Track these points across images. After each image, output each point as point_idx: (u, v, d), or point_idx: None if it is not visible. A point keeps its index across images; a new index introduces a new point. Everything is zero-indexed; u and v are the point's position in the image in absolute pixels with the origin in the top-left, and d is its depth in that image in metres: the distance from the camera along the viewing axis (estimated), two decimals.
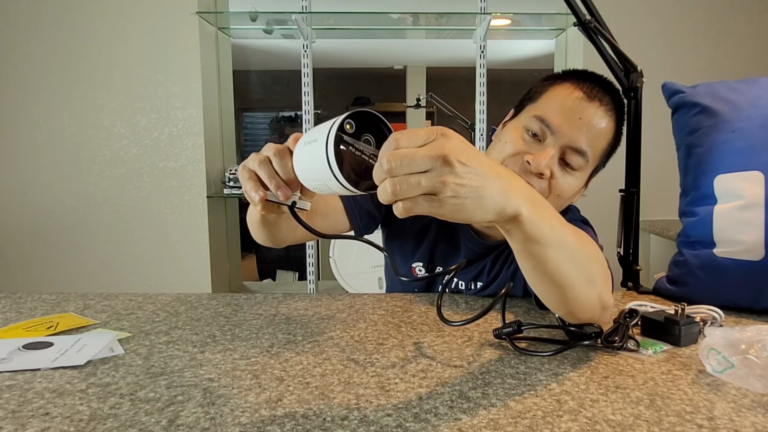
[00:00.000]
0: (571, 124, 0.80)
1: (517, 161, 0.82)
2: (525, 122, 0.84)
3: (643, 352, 0.68)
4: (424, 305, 0.89)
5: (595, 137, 0.81)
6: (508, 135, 0.86)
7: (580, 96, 0.81)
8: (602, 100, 0.82)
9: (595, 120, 0.81)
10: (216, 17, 2.29)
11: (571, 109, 0.81)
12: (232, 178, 2.28)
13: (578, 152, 0.81)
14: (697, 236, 0.89)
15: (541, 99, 0.85)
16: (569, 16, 1.96)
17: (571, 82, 0.84)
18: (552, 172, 0.81)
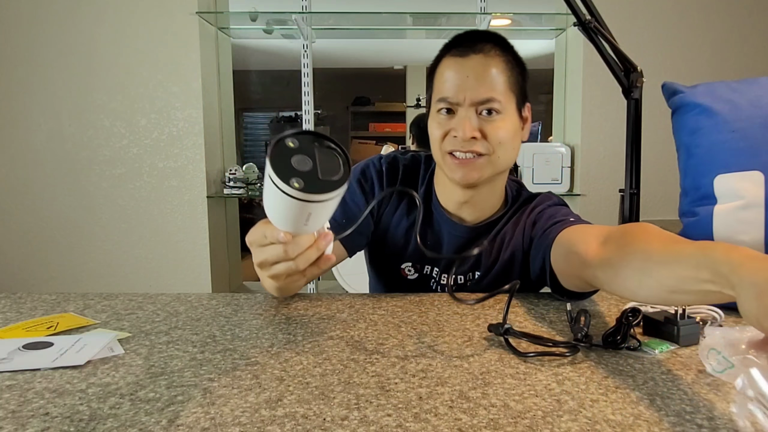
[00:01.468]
0: (464, 86, 0.88)
1: (449, 141, 0.90)
2: (435, 109, 0.92)
3: (650, 352, 0.68)
4: (425, 305, 0.89)
5: (491, 80, 0.88)
6: (431, 126, 0.94)
7: (457, 60, 0.89)
8: (477, 50, 0.89)
9: (479, 69, 0.88)
10: (216, 17, 2.29)
11: (457, 75, 0.89)
12: (232, 178, 2.28)
13: (488, 101, 0.88)
14: (697, 236, 0.89)
15: (435, 83, 0.93)
16: (569, 16, 1.96)
17: (447, 54, 0.91)
18: (480, 130, 0.88)
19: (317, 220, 0.62)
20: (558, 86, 2.46)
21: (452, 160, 0.90)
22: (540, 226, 0.94)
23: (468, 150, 0.88)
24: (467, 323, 0.80)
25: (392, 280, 1.06)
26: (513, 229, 1.00)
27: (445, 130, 0.90)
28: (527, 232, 0.98)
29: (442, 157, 0.92)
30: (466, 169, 0.90)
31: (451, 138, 0.90)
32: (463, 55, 0.89)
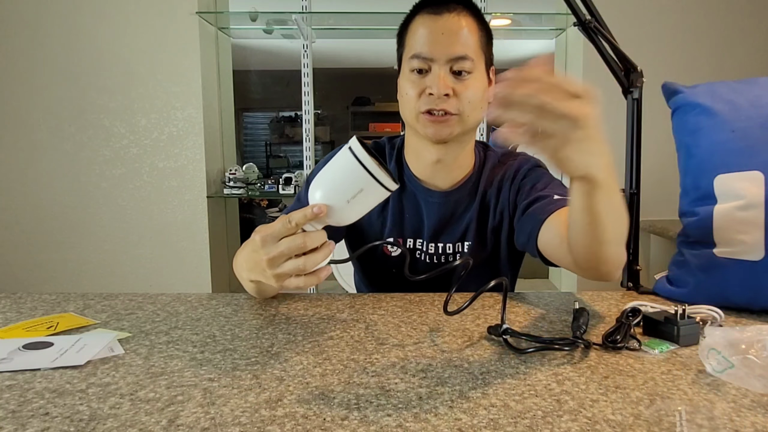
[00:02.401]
0: (438, 42, 0.90)
1: (424, 100, 0.92)
2: (408, 67, 0.94)
3: (650, 352, 0.68)
4: (425, 305, 0.89)
5: (464, 39, 0.91)
6: (404, 87, 0.95)
7: (431, 17, 0.92)
8: (450, 9, 0.91)
9: (453, 27, 0.91)
10: (216, 17, 2.29)
11: (431, 32, 0.91)
12: (232, 178, 2.28)
13: (461, 59, 0.91)
14: (697, 236, 0.89)
15: (407, 41, 0.95)
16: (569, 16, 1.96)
17: (420, 12, 0.94)
18: (452, 88, 0.91)
19: (362, 201, 0.67)
20: None
21: (427, 118, 0.92)
22: (525, 195, 0.97)
23: (441, 108, 0.91)
24: (467, 323, 0.80)
25: (375, 260, 1.06)
26: (497, 194, 1.02)
27: (420, 88, 0.92)
28: (512, 199, 1.00)
29: (416, 117, 0.94)
30: (439, 125, 0.92)
31: (426, 97, 0.91)
32: (437, 13, 0.91)
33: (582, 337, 0.69)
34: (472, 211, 1.02)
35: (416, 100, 0.93)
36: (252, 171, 2.44)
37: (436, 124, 0.92)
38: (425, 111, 0.92)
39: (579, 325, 0.70)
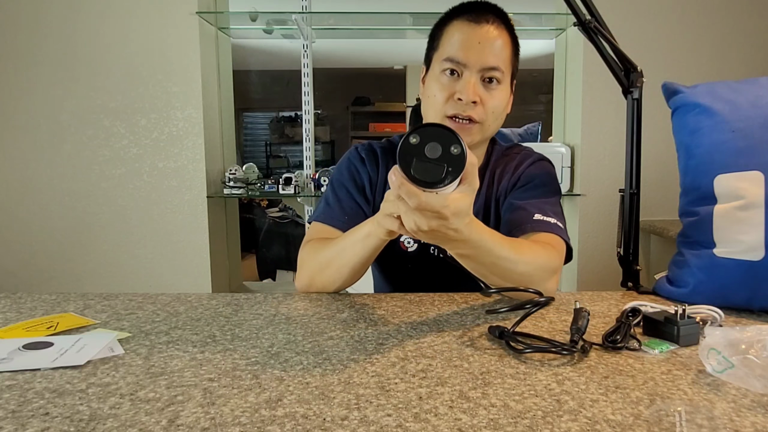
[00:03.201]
0: (475, 50, 0.93)
1: (451, 104, 0.94)
2: (439, 68, 0.96)
3: (650, 352, 0.68)
4: (425, 305, 0.89)
5: (498, 51, 0.94)
6: (431, 88, 0.97)
7: (470, 25, 0.94)
8: (488, 20, 0.94)
9: (491, 38, 0.93)
10: (216, 17, 2.29)
11: (469, 39, 0.93)
12: (232, 178, 2.28)
13: (492, 69, 0.94)
14: (697, 236, 0.89)
15: (441, 44, 0.97)
16: (569, 16, 1.96)
17: (458, 18, 0.96)
18: (480, 96, 0.93)
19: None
20: (558, 86, 2.46)
21: (450, 123, 0.94)
22: (518, 192, 1.01)
23: (467, 114, 0.93)
24: (467, 323, 0.80)
25: (393, 255, 1.07)
26: (497, 185, 1.06)
27: (449, 92, 0.94)
28: (509, 188, 1.04)
29: (440, 119, 0.96)
30: (462, 132, 0.94)
31: (453, 101, 0.93)
32: (476, 22, 0.93)
33: (582, 339, 0.69)
34: (478, 204, 1.05)
35: (443, 103, 0.95)
36: (252, 171, 2.44)
37: (459, 130, 0.93)
38: (451, 115, 0.94)
39: (578, 327, 0.70)
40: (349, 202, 1.05)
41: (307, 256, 0.97)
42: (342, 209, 1.04)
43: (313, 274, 0.95)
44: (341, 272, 0.92)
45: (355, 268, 0.91)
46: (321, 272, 0.94)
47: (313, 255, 0.96)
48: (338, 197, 1.06)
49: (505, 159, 1.08)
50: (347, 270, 0.92)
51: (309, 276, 0.96)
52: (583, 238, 2.27)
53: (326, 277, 0.94)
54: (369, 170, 1.07)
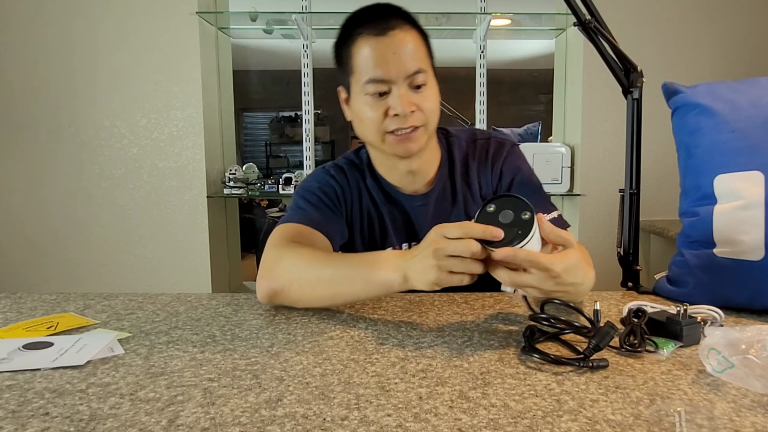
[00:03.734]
0: (393, 62, 0.89)
1: (389, 121, 0.91)
2: (364, 92, 0.91)
3: (660, 353, 0.67)
4: (425, 305, 0.89)
5: (415, 53, 0.91)
6: (362, 111, 0.93)
7: (378, 39, 0.90)
8: (393, 26, 0.90)
9: (403, 44, 0.90)
10: (216, 17, 2.29)
11: (382, 53, 0.89)
12: (232, 178, 2.28)
13: (416, 73, 0.90)
14: (697, 236, 0.89)
15: (355, 65, 0.92)
16: (569, 16, 1.96)
17: (362, 33, 0.91)
18: (415, 103, 0.90)
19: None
20: (558, 86, 2.46)
21: (393, 138, 0.92)
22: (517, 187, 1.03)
23: (409, 125, 0.91)
24: (467, 323, 0.80)
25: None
26: (478, 179, 1.05)
27: (382, 110, 0.91)
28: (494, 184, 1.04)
29: (381, 138, 0.93)
30: (407, 142, 0.92)
31: (391, 118, 0.91)
32: (381, 34, 0.89)
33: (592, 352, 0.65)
34: (458, 203, 1.04)
35: (379, 122, 0.92)
36: (252, 171, 2.44)
37: (405, 142, 0.92)
38: (392, 130, 0.92)
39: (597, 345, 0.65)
40: (324, 209, 1.00)
41: (287, 260, 0.86)
42: (318, 210, 0.99)
43: (290, 283, 0.85)
44: (328, 299, 0.85)
45: (347, 302, 0.88)
46: (301, 287, 0.84)
47: (296, 261, 0.86)
48: (310, 202, 1.00)
49: (474, 149, 1.06)
50: (338, 300, 0.86)
51: (284, 283, 0.85)
52: (583, 238, 2.27)
53: (306, 294, 0.85)
54: (340, 183, 1.04)
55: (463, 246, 0.68)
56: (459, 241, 0.69)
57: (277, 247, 0.90)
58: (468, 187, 1.05)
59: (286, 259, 0.87)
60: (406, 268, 0.74)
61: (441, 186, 1.04)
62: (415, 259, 0.73)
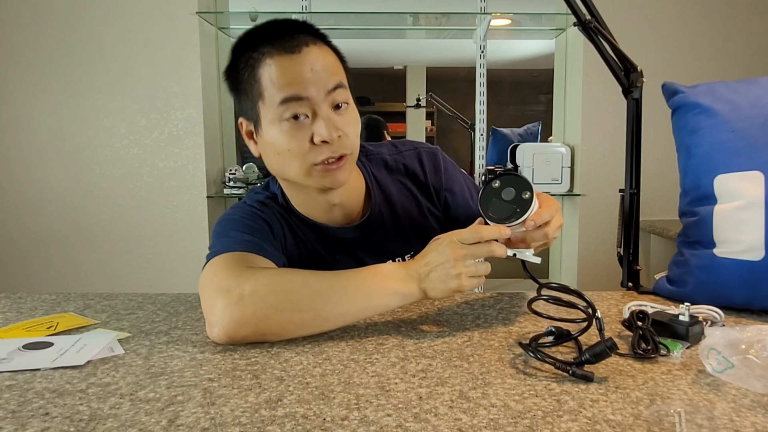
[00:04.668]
0: (311, 78, 0.78)
1: (316, 151, 0.79)
2: (278, 117, 0.78)
3: (674, 356, 0.66)
4: (425, 305, 0.89)
5: (329, 67, 0.80)
6: (278, 143, 0.80)
7: (289, 57, 0.78)
8: (300, 41, 0.79)
9: (317, 59, 0.79)
10: (216, 17, 2.29)
11: (298, 70, 0.78)
12: (232, 178, 2.28)
13: (337, 88, 0.80)
14: (697, 236, 0.89)
15: (264, 88, 0.79)
16: (569, 16, 1.96)
17: (266, 54, 0.79)
18: (341, 128, 0.79)
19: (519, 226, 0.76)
20: (558, 86, 2.46)
21: (320, 169, 0.80)
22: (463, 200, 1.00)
23: (338, 154, 0.79)
24: (467, 323, 0.80)
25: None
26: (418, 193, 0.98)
27: (306, 139, 0.78)
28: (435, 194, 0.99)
29: (307, 171, 0.80)
30: (337, 172, 0.81)
31: (317, 146, 0.78)
32: (293, 52, 0.78)
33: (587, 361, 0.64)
34: (400, 220, 0.96)
35: (304, 153, 0.79)
36: (252, 171, 2.44)
37: (334, 172, 0.81)
38: (321, 162, 0.79)
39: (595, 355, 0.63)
40: (259, 235, 0.85)
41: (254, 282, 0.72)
42: (255, 235, 0.84)
43: (265, 315, 0.71)
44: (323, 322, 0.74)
45: (347, 322, 0.77)
46: (284, 312, 0.72)
47: (268, 281, 0.73)
48: (241, 230, 0.85)
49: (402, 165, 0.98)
50: (336, 322, 0.75)
51: (255, 318, 0.70)
52: (583, 238, 2.27)
53: (291, 320, 0.72)
54: (268, 218, 0.89)
55: (485, 250, 0.73)
56: (478, 246, 0.73)
57: (228, 274, 0.75)
58: (408, 201, 0.98)
59: (253, 281, 0.73)
60: (420, 280, 0.75)
61: (377, 210, 0.94)
62: (430, 270, 0.74)
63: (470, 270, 0.73)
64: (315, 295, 0.73)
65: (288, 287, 0.74)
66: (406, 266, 0.77)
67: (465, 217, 0.98)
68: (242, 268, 0.76)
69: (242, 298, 0.71)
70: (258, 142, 0.85)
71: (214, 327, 0.71)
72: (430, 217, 0.99)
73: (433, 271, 0.74)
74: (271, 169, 0.86)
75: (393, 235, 0.95)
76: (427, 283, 0.74)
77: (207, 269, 0.80)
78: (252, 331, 0.71)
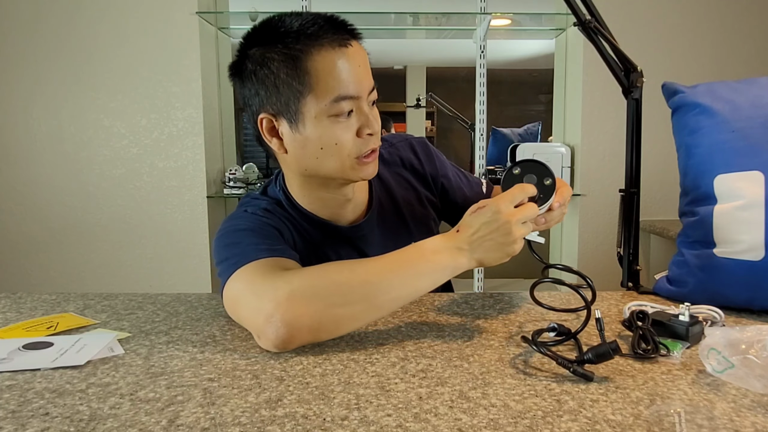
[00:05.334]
0: (360, 76, 0.80)
1: (364, 142, 0.81)
2: (329, 112, 0.78)
3: (675, 356, 0.66)
4: (425, 305, 0.89)
5: (368, 66, 0.83)
6: (329, 136, 0.79)
7: (341, 50, 0.79)
8: (345, 38, 0.81)
9: (362, 57, 0.82)
10: (216, 17, 2.29)
11: (350, 67, 0.79)
12: (232, 178, 2.28)
13: (374, 89, 0.83)
14: (697, 236, 0.89)
15: (316, 81, 0.78)
16: (569, 16, 1.96)
17: (320, 46, 0.78)
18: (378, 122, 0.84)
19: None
20: (558, 86, 2.46)
21: (361, 161, 0.82)
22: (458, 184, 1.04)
23: (374, 147, 0.83)
24: (467, 323, 0.80)
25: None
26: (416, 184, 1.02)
27: (353, 132, 0.80)
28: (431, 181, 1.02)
29: (350, 165, 0.82)
30: (371, 164, 0.84)
31: (364, 138, 0.81)
32: (343, 45, 0.79)
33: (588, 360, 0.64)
34: (403, 214, 0.98)
35: (350, 147, 0.80)
36: (252, 171, 2.44)
37: (370, 164, 0.83)
38: (362, 155, 0.82)
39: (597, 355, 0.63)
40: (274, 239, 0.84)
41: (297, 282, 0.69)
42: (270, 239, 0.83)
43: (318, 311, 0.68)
44: (381, 310, 0.73)
45: (399, 306, 0.76)
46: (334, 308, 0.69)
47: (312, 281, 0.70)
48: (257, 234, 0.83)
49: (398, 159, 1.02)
50: (392, 306, 0.74)
51: (308, 316, 0.67)
52: (583, 238, 2.27)
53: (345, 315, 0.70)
54: (275, 223, 0.87)
55: (531, 211, 0.73)
56: (526, 207, 0.73)
57: (266, 278, 0.71)
58: (407, 192, 1.00)
59: (298, 278, 0.70)
60: (472, 250, 0.73)
61: (378, 206, 0.96)
62: (483, 239, 0.73)
63: (524, 231, 0.73)
64: (365, 284, 0.71)
65: (336, 279, 0.71)
66: (452, 238, 0.75)
67: (462, 201, 1.04)
68: (279, 270, 0.73)
69: (292, 296, 0.67)
70: (290, 137, 0.82)
71: (268, 333, 0.67)
72: (428, 206, 1.02)
73: (487, 239, 0.72)
74: (302, 165, 0.84)
75: (396, 227, 0.98)
76: (481, 253, 0.73)
77: (234, 281, 0.74)
78: (307, 330, 0.68)
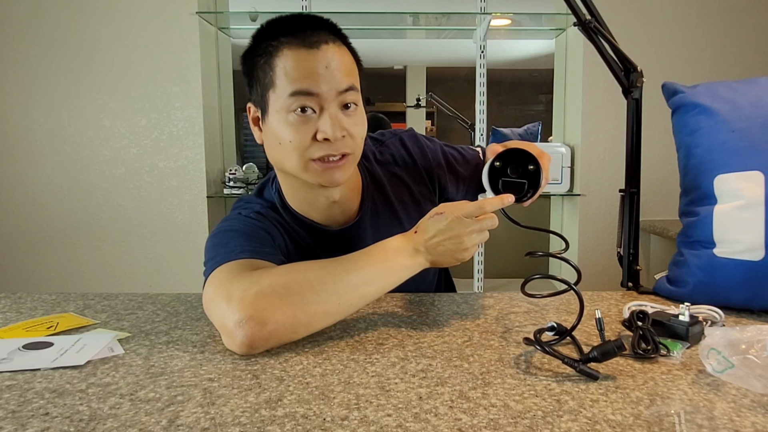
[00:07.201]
0: (324, 76, 0.78)
1: (316, 146, 0.79)
2: (286, 107, 0.79)
3: (675, 356, 0.66)
4: (425, 305, 0.89)
5: (345, 68, 0.81)
6: (280, 133, 0.80)
7: (307, 51, 0.78)
8: (324, 40, 0.80)
9: (334, 58, 0.79)
10: (216, 17, 2.29)
11: (313, 66, 0.78)
12: (232, 178, 2.28)
13: (348, 90, 0.80)
14: (697, 236, 0.89)
15: (276, 78, 0.79)
16: (569, 16, 1.96)
17: (287, 45, 0.79)
18: (346, 128, 0.80)
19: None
20: (558, 86, 2.46)
21: (318, 166, 0.80)
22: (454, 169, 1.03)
23: (339, 152, 0.80)
24: (467, 323, 0.80)
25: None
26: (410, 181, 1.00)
27: (307, 133, 0.79)
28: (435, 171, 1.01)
29: (303, 166, 0.81)
30: (335, 171, 0.81)
31: (318, 143, 0.79)
32: (312, 47, 0.78)
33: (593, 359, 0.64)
34: (397, 213, 0.98)
35: (304, 147, 0.79)
36: (252, 171, 2.44)
37: (332, 170, 0.81)
38: (319, 158, 0.80)
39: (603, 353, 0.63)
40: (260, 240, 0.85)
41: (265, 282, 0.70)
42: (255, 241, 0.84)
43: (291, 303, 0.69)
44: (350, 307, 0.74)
45: (364, 304, 0.77)
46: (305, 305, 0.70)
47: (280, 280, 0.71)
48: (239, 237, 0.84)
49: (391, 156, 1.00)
50: (358, 304, 0.75)
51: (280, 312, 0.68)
52: (583, 238, 2.27)
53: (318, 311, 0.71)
54: (266, 226, 0.89)
55: (490, 223, 0.77)
56: (484, 218, 0.77)
57: (237, 279, 0.72)
58: (401, 191, 0.99)
59: (267, 277, 0.71)
60: (428, 252, 0.78)
61: (370, 206, 0.95)
62: (437, 244, 0.77)
63: (476, 242, 0.78)
64: (335, 280, 0.73)
65: (307, 276, 0.72)
66: (410, 239, 0.79)
67: (463, 182, 1.05)
68: (251, 270, 0.74)
69: (260, 294, 0.68)
70: (263, 129, 0.85)
71: (235, 334, 0.67)
72: (423, 202, 1.01)
73: (441, 245, 0.77)
74: (270, 159, 0.86)
75: (390, 227, 0.96)
76: (435, 256, 0.78)
77: (210, 281, 0.77)
78: (276, 328, 0.67)
